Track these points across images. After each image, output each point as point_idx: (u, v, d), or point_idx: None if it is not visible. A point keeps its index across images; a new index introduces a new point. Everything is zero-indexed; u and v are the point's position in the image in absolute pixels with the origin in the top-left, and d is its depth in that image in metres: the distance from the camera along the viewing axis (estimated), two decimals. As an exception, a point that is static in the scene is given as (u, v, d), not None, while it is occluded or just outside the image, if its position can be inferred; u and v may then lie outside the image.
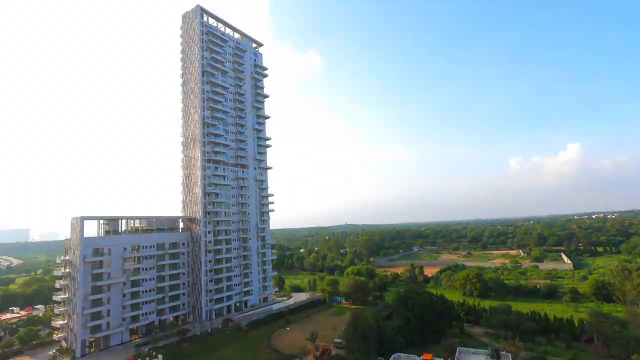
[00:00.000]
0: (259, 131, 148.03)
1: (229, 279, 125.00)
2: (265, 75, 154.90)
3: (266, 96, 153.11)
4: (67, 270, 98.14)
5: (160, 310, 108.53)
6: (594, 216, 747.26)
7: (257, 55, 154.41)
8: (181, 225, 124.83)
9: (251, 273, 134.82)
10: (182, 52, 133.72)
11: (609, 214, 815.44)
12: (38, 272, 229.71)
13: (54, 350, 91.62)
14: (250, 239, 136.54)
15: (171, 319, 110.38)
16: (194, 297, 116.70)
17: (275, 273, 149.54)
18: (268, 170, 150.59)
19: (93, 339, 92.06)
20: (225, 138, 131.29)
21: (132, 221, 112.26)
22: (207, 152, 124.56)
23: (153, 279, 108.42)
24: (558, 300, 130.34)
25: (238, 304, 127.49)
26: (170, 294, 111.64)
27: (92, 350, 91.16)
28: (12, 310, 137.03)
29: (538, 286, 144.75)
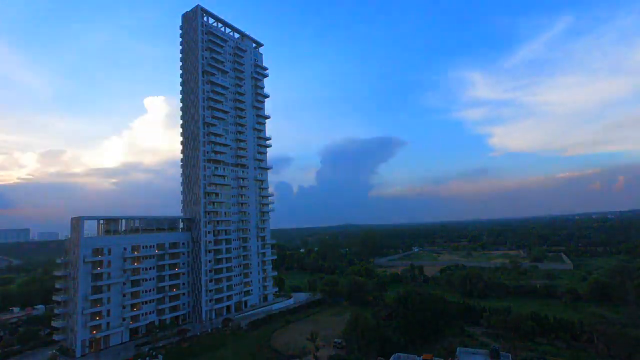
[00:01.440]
0: (259, 131, 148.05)
1: (229, 279, 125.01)
2: (266, 75, 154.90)
3: (266, 96, 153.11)
4: (67, 270, 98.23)
5: (160, 310, 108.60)
6: (593, 216, 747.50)
7: (257, 55, 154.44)
8: (181, 225, 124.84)
9: (251, 273, 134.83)
10: (182, 51, 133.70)
11: (609, 214, 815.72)
12: (38, 272, 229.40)
13: (53, 350, 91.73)
14: (250, 239, 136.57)
15: (171, 319, 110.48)
16: (194, 297, 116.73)
17: (275, 273, 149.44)
18: (268, 170, 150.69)
19: (93, 339, 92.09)
20: (225, 138, 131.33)
21: (132, 221, 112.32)
22: (207, 152, 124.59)
23: (153, 279, 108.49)
24: (558, 300, 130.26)
25: (238, 304, 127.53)
26: (170, 294, 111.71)
27: (92, 350, 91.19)
28: (12, 310, 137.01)
29: (538, 286, 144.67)
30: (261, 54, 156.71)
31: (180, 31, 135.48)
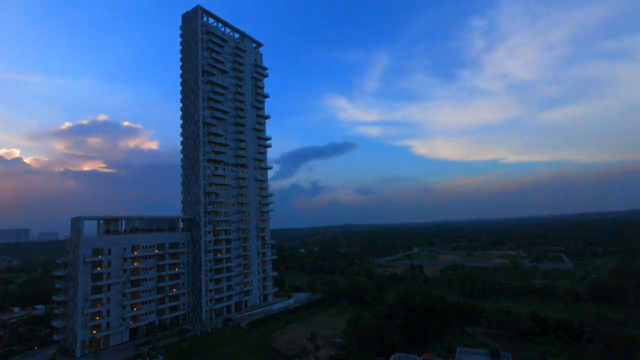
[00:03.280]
0: (259, 131, 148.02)
1: (229, 279, 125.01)
2: (265, 75, 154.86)
3: (266, 96, 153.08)
4: (67, 270, 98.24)
5: (160, 310, 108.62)
6: (594, 216, 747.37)
7: (257, 55, 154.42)
8: (181, 225, 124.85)
9: (251, 273, 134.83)
10: (182, 51, 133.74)
11: (609, 214, 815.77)
12: (38, 272, 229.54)
13: (54, 350, 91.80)
14: (250, 239, 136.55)
15: (171, 319, 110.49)
16: (194, 297, 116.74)
17: (275, 273, 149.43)
18: (268, 170, 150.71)
19: (93, 339, 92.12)
20: (225, 138, 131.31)
21: (132, 221, 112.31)
22: (207, 152, 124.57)
23: (153, 279, 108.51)
24: (557, 300, 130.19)
25: (238, 304, 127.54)
26: (170, 294, 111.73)
27: (92, 350, 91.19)
28: (12, 310, 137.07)
29: (538, 286, 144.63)
30: (261, 54, 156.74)
31: (180, 31, 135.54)
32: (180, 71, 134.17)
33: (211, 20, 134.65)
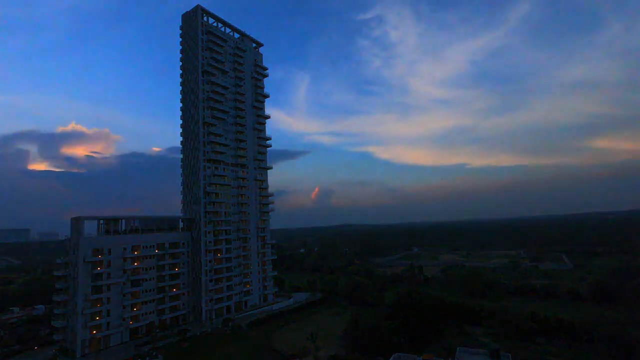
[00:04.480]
0: (259, 131, 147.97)
1: (229, 279, 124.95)
2: (266, 75, 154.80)
3: (266, 96, 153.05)
4: (67, 270, 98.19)
5: (160, 310, 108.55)
6: (594, 216, 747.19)
7: (257, 55, 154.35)
8: (181, 225, 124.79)
9: (251, 273, 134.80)
10: (182, 51, 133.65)
11: (609, 214, 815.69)
12: (38, 272, 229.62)
13: (54, 350, 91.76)
14: (250, 239, 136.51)
15: (171, 319, 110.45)
16: (194, 297, 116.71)
17: (275, 273, 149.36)
18: (268, 170, 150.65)
19: (93, 339, 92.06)
20: (225, 138, 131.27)
21: (132, 221, 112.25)
22: (207, 152, 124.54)
23: (153, 279, 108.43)
24: (557, 300, 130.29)
25: (238, 304, 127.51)
26: (170, 294, 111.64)
27: (92, 350, 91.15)
28: (12, 310, 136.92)
29: (538, 286, 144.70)
30: (261, 54, 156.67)
31: (180, 31, 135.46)
32: (180, 71, 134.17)
33: (211, 20, 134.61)
